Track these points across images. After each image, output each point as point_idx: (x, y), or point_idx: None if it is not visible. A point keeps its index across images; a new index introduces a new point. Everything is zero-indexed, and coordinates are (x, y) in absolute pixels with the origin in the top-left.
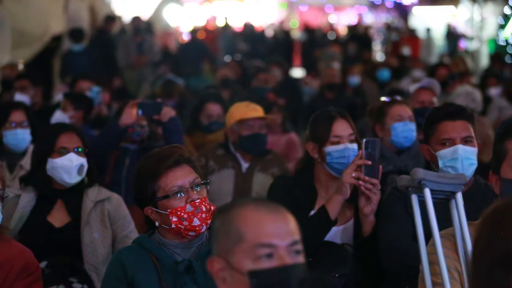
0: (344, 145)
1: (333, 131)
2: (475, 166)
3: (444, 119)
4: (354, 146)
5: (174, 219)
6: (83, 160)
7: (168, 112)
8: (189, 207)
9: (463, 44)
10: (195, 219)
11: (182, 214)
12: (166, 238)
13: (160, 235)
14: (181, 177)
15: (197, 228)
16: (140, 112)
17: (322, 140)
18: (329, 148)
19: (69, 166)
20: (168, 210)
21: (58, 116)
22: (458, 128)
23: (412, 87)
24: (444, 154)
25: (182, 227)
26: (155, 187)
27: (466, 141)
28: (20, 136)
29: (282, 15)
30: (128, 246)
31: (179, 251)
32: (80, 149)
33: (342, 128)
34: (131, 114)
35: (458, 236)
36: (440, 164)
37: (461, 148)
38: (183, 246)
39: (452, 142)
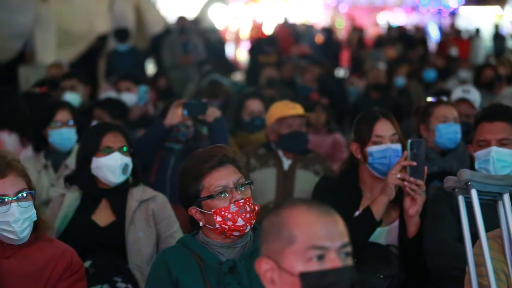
0: (385, 146)
1: (375, 131)
2: (510, 169)
3: (482, 120)
4: (397, 146)
5: (218, 219)
6: (127, 160)
7: (213, 112)
8: (233, 207)
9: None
10: (239, 219)
11: (226, 214)
12: (210, 238)
13: (204, 235)
14: (225, 177)
15: (241, 228)
16: (185, 112)
17: (364, 140)
18: (371, 148)
19: (113, 165)
20: (212, 210)
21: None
22: (495, 130)
23: (455, 94)
24: (478, 155)
25: (226, 227)
26: (199, 187)
27: (502, 143)
28: (66, 136)
29: (327, 15)
30: (173, 246)
31: (223, 251)
32: (125, 149)
33: (384, 128)
34: (176, 114)
35: (505, 237)
36: (476, 165)
37: (494, 150)
38: (227, 246)
39: (487, 144)
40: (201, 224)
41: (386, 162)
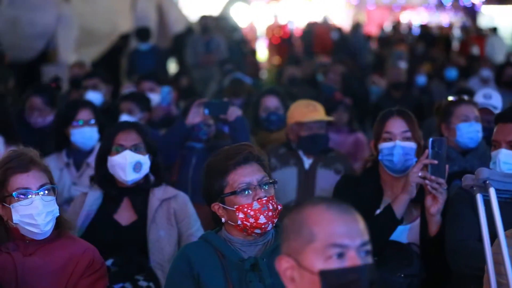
0: (393, 143)
1: (386, 128)
2: None
3: (498, 121)
4: (406, 144)
5: (241, 215)
6: (140, 158)
7: (234, 112)
8: (256, 204)
9: None
10: (262, 216)
11: (249, 211)
12: (232, 234)
13: (226, 231)
14: (249, 174)
15: (263, 226)
16: (206, 111)
17: (377, 137)
18: (382, 145)
19: (123, 163)
20: (235, 207)
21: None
22: (506, 131)
23: (477, 98)
24: (492, 155)
25: (248, 224)
26: (223, 183)
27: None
28: (87, 135)
29: (349, 14)
30: (195, 242)
31: (245, 249)
32: (138, 148)
33: (395, 125)
34: (197, 113)
35: None
36: (490, 165)
37: (502, 152)
38: (249, 244)
39: (498, 145)
40: (223, 220)
41: (392, 159)
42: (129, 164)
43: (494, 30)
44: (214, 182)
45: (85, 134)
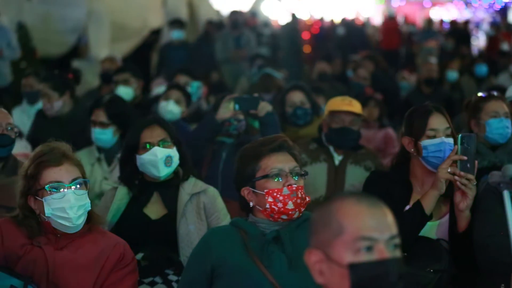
0: (440, 139)
1: (429, 125)
2: None
3: None
4: (450, 140)
5: (270, 199)
6: (169, 151)
7: (264, 107)
8: (285, 190)
9: None
10: (290, 202)
11: (278, 195)
12: (258, 217)
13: (252, 215)
14: (282, 161)
15: (290, 212)
16: (237, 106)
17: (418, 134)
18: (425, 142)
19: (154, 160)
20: (265, 191)
21: (172, 108)
22: None
23: (509, 93)
24: None
25: (276, 208)
26: (256, 167)
27: None
28: (97, 136)
29: (379, 10)
30: (223, 225)
31: (268, 228)
32: (166, 141)
33: (438, 122)
34: (228, 109)
35: None
36: None
37: None
38: (273, 225)
39: None
40: (251, 204)
41: (440, 156)
42: (160, 160)
43: None
44: (247, 166)
45: (95, 135)
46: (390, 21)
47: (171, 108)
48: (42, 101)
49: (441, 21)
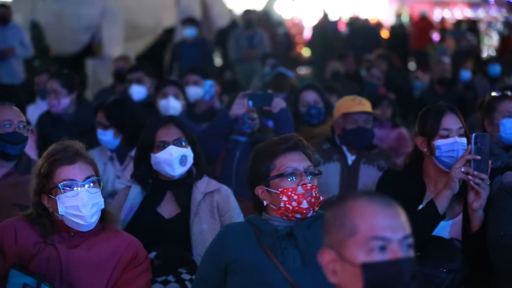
0: (453, 139)
1: (443, 125)
2: None
3: None
4: (463, 140)
5: (284, 198)
6: (184, 151)
7: (279, 103)
8: (300, 189)
9: None
10: (304, 201)
11: (293, 194)
12: (271, 215)
13: (266, 214)
14: (297, 160)
15: (304, 211)
16: (250, 103)
17: (431, 134)
18: (438, 142)
19: (169, 159)
20: (280, 189)
21: (173, 104)
22: None
23: None
24: None
25: (290, 207)
26: (271, 166)
27: None
28: (100, 137)
29: (392, 8)
30: (237, 222)
31: (282, 225)
32: (181, 141)
33: (451, 121)
34: (241, 105)
35: None
36: None
37: None
38: (286, 223)
39: None
40: (265, 203)
41: (454, 156)
42: (175, 159)
43: None
44: (262, 164)
45: (99, 136)
46: (422, 21)
47: (172, 104)
48: (48, 98)
49: None
